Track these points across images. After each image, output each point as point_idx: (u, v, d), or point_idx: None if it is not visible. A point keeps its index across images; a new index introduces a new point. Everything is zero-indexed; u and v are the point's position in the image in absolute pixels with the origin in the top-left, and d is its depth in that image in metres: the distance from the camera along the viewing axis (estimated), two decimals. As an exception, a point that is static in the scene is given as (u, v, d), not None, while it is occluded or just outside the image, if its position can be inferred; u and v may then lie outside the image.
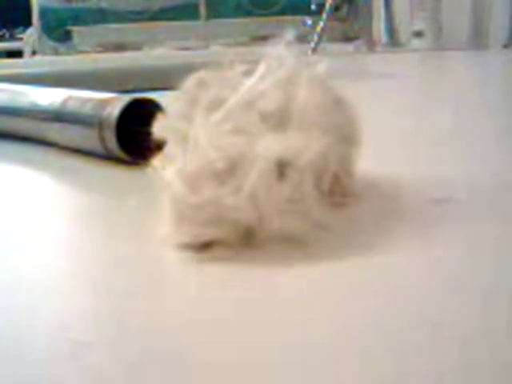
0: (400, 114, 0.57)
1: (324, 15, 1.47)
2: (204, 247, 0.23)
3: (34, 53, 2.30)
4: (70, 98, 0.42)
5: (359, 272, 0.22)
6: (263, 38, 2.15)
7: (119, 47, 2.24)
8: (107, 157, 0.39)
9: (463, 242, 0.24)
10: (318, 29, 1.45)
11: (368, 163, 0.29)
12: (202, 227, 0.23)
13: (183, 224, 0.23)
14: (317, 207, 0.24)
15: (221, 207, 0.23)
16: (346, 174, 0.28)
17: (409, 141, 0.44)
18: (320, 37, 1.44)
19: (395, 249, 0.23)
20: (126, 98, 0.38)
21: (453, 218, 0.26)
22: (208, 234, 0.23)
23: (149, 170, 0.25)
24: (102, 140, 0.38)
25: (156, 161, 0.25)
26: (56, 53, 2.26)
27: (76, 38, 2.25)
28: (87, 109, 0.39)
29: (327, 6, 1.48)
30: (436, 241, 0.24)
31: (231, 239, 0.23)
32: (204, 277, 0.22)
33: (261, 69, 0.28)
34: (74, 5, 2.32)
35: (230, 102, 0.26)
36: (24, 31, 2.60)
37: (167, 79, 0.35)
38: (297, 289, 0.21)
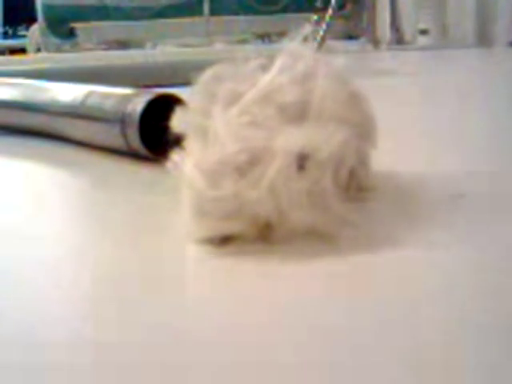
0: (410, 111, 0.57)
1: (329, 13, 1.47)
2: (224, 241, 0.23)
3: (37, 50, 2.30)
4: (92, 93, 0.42)
5: (381, 265, 0.22)
6: (267, 36, 2.15)
7: (123, 44, 2.24)
8: (127, 152, 0.39)
9: (482, 235, 0.24)
10: (323, 26, 1.44)
11: (383, 157, 0.29)
12: (221, 221, 0.23)
13: (203, 218, 0.23)
14: (336, 201, 0.24)
15: (240, 201, 0.23)
16: (362, 168, 0.28)
17: (422, 136, 0.44)
18: (325, 34, 1.43)
19: (414, 242, 0.23)
20: (148, 95, 0.37)
21: (470, 212, 0.26)
22: (228, 227, 0.23)
23: (168, 165, 0.25)
24: (124, 136, 0.37)
25: (175, 155, 0.25)
26: (59, 50, 2.26)
27: (80, 35, 2.25)
28: (109, 105, 0.39)
29: (332, 3, 1.48)
30: (454, 234, 0.24)
31: (251, 233, 0.23)
32: (224, 271, 0.22)
33: (278, 63, 0.28)
34: (77, 2, 2.32)
35: (248, 95, 0.26)
36: (27, 29, 2.60)
37: (178, 76, 0.35)
38: (317, 283, 0.21)
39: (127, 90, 0.40)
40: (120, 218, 0.29)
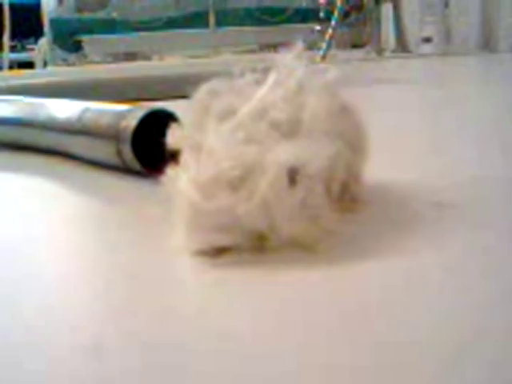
0: (410, 120, 0.57)
1: (333, 22, 1.48)
2: (217, 253, 0.24)
3: (45, 63, 2.32)
4: (88, 110, 0.43)
5: (370, 277, 0.22)
6: (272, 46, 2.16)
7: (129, 56, 2.26)
8: (123, 168, 0.39)
9: (468, 246, 0.24)
10: (327, 36, 1.45)
11: (375, 169, 0.30)
12: (215, 233, 0.24)
13: (197, 230, 0.24)
14: (327, 213, 0.25)
15: (233, 214, 0.24)
16: (354, 181, 0.28)
17: (415, 147, 0.45)
18: (329, 44, 1.44)
19: (403, 253, 0.24)
20: (142, 111, 0.38)
21: (459, 223, 0.27)
22: (221, 240, 0.24)
23: (164, 179, 0.25)
24: (119, 153, 0.38)
25: (171, 170, 0.26)
26: (67, 63, 2.28)
27: (86, 49, 2.27)
28: (104, 121, 0.40)
29: (336, 13, 1.49)
30: (443, 245, 0.24)
31: (244, 245, 0.24)
32: (218, 283, 0.23)
33: (271, 78, 0.28)
34: (84, 16, 2.35)
35: (241, 111, 0.26)
36: (35, 42, 2.62)
37: (180, 88, 0.35)
38: (309, 294, 0.21)
39: (122, 106, 0.40)
40: (116, 230, 0.30)
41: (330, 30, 1.46)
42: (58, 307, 0.22)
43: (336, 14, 1.49)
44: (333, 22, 1.48)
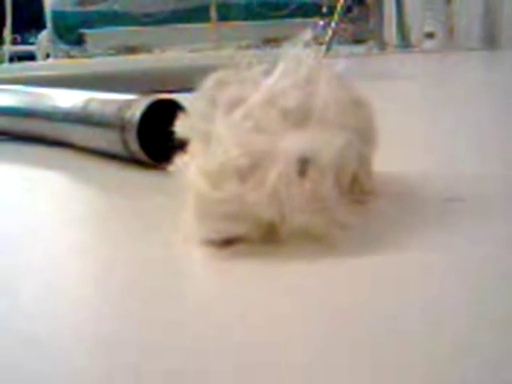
0: (413, 115, 0.57)
1: (335, 17, 1.47)
2: (226, 243, 0.24)
3: (46, 56, 2.31)
4: (92, 99, 0.42)
5: (378, 268, 0.22)
6: (274, 41, 2.16)
7: (131, 50, 2.25)
8: (129, 158, 0.39)
9: (479, 238, 0.24)
10: (330, 31, 1.45)
11: (385, 162, 0.30)
12: (224, 223, 0.24)
13: (206, 220, 0.24)
14: (337, 204, 0.24)
15: (243, 203, 0.23)
16: (364, 172, 0.28)
17: (423, 140, 0.44)
18: (331, 39, 1.44)
19: (413, 245, 0.24)
20: (148, 100, 0.38)
21: (467, 215, 0.27)
22: (230, 230, 0.24)
23: (172, 169, 0.25)
24: (124, 142, 0.38)
25: (179, 159, 0.25)
26: (68, 56, 2.28)
27: (88, 41, 2.27)
28: (109, 111, 0.40)
29: (338, 8, 1.48)
30: (453, 237, 0.24)
31: (253, 235, 0.24)
32: (226, 273, 0.22)
33: (280, 68, 0.28)
34: (86, 8, 2.34)
35: (250, 100, 0.26)
36: (36, 35, 2.62)
37: (184, 81, 0.35)
38: (318, 285, 0.21)
39: (127, 96, 0.40)
40: (124, 220, 0.29)
41: (332, 25, 1.46)
42: (60, 301, 0.21)
43: (339, 8, 1.49)
44: (335, 17, 1.48)
